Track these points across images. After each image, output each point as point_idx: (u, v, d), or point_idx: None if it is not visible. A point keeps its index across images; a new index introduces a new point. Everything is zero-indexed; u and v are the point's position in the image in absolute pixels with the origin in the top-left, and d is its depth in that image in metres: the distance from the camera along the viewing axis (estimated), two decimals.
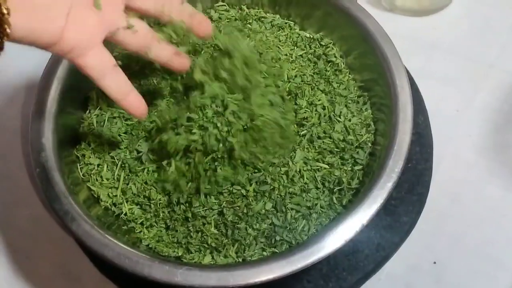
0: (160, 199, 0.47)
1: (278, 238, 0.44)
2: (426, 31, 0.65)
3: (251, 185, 0.46)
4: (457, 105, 0.60)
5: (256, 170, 0.46)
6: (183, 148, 0.45)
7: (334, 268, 0.48)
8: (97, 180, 0.49)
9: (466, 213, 0.54)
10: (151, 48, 0.43)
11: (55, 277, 0.54)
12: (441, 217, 0.54)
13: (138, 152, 0.49)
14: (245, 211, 0.45)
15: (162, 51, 0.44)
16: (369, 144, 0.48)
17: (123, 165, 0.49)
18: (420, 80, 0.57)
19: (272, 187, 0.46)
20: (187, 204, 0.46)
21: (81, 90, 0.52)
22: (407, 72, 0.48)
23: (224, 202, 0.45)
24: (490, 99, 0.60)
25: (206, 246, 0.45)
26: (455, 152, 0.57)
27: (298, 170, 0.46)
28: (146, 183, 0.48)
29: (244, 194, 0.45)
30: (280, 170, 0.46)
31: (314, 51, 0.54)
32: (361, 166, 0.47)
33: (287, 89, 0.50)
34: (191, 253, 0.46)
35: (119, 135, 0.50)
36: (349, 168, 0.47)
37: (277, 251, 0.44)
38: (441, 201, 0.55)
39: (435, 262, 0.52)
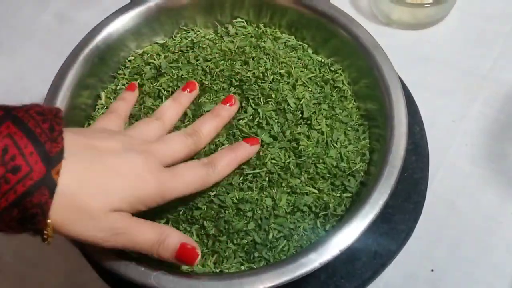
0: None
1: (257, 254, 0.44)
2: (422, 44, 0.67)
3: (234, 203, 0.45)
4: (453, 116, 0.61)
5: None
6: None
7: (332, 276, 0.48)
8: None
9: (463, 221, 0.55)
10: None
11: (60, 286, 0.55)
12: (438, 225, 0.54)
13: None
14: (226, 227, 0.45)
15: None
16: (362, 173, 0.48)
17: None
18: (416, 92, 0.57)
19: (256, 207, 0.45)
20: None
21: (93, 88, 0.53)
22: (403, 84, 0.49)
23: (207, 216, 0.45)
24: (486, 109, 0.61)
25: None
26: (452, 161, 0.58)
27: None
28: None
29: (226, 212, 0.45)
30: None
31: (323, 75, 0.54)
32: (350, 194, 0.47)
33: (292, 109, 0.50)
34: None
35: None
36: (338, 195, 0.47)
37: (254, 266, 0.44)
38: (438, 209, 0.55)
39: (432, 270, 0.52)
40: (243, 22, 0.57)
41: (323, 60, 0.55)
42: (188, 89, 0.49)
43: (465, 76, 0.63)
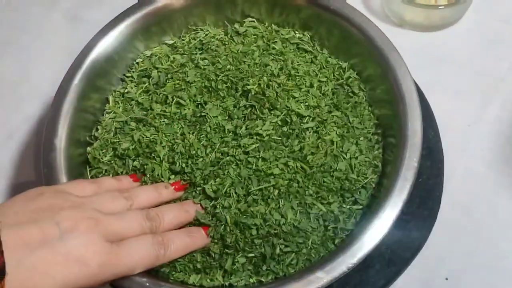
0: None
1: (265, 268, 0.44)
2: (436, 45, 0.65)
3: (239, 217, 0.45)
4: (468, 119, 0.60)
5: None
6: None
7: (345, 284, 0.48)
8: None
9: (479, 227, 0.54)
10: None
11: None
12: (453, 232, 0.53)
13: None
14: (234, 240, 0.44)
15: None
16: (373, 185, 0.47)
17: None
18: (430, 94, 0.57)
19: (264, 222, 0.45)
20: None
21: (102, 91, 0.53)
22: (416, 86, 0.48)
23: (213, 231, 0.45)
24: (501, 113, 0.60)
25: (192, 267, 0.44)
26: (467, 166, 0.57)
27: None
28: None
29: (232, 227, 0.45)
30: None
31: (337, 79, 0.52)
32: (361, 207, 0.46)
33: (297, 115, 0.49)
34: (178, 271, 0.45)
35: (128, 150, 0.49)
36: (348, 207, 0.46)
37: (262, 280, 0.44)
38: (452, 215, 0.54)
39: (447, 278, 0.51)
40: (254, 21, 0.56)
41: (339, 63, 0.53)
42: (175, 187, 0.46)
43: (481, 79, 0.62)
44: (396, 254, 0.49)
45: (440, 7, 0.63)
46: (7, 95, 0.66)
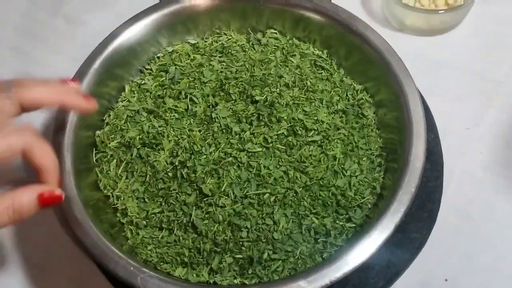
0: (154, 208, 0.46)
1: (250, 271, 0.42)
2: (436, 49, 0.62)
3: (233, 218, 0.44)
4: (467, 122, 0.56)
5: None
6: None
7: (345, 285, 0.45)
8: (103, 169, 0.48)
9: (478, 230, 0.51)
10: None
11: None
12: (453, 234, 0.50)
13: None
14: (224, 240, 0.43)
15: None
16: (369, 206, 0.45)
17: (128, 166, 0.47)
18: (430, 97, 0.54)
19: (256, 225, 0.43)
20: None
21: (120, 79, 0.52)
22: (418, 91, 0.47)
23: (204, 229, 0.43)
24: (501, 116, 0.56)
25: (179, 260, 0.44)
26: (466, 169, 0.54)
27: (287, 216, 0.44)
28: (147, 188, 0.46)
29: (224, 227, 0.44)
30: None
31: (349, 99, 0.50)
32: (354, 225, 0.44)
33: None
34: (166, 263, 0.44)
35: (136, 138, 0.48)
36: (341, 223, 0.44)
37: (246, 283, 0.42)
38: (452, 218, 0.51)
39: (446, 280, 0.49)
40: (276, 33, 0.54)
41: (353, 84, 0.51)
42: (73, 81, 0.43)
43: (480, 82, 0.59)
44: (395, 256, 0.46)
45: (440, 11, 0.59)
46: None
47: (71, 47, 0.67)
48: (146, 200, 0.46)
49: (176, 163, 0.45)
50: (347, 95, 0.50)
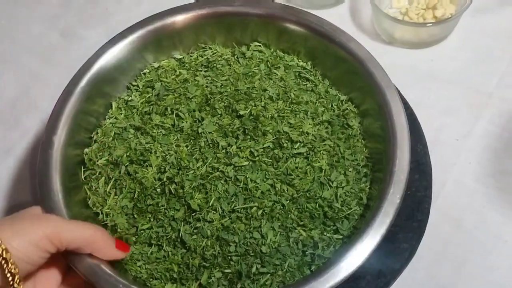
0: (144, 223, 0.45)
1: (239, 285, 0.42)
2: (425, 62, 0.62)
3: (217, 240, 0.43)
4: (456, 134, 0.57)
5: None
6: None
7: None
8: (92, 186, 0.47)
9: (468, 240, 0.51)
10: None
11: None
12: (443, 244, 0.51)
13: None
14: (212, 255, 0.43)
15: None
16: (356, 217, 0.45)
17: (117, 183, 0.47)
18: (418, 110, 0.54)
19: (244, 239, 0.43)
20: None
21: (108, 96, 0.52)
22: (405, 103, 0.48)
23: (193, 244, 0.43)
24: (490, 127, 0.57)
25: (168, 276, 0.44)
26: (456, 179, 0.54)
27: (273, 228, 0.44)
28: (136, 204, 0.46)
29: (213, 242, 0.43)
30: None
31: (334, 110, 0.50)
32: (341, 236, 0.44)
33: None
34: (156, 279, 0.44)
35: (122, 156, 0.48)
36: (329, 235, 0.44)
37: None
38: (442, 228, 0.51)
39: None
40: (260, 45, 0.54)
41: (338, 95, 0.51)
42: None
43: (469, 94, 0.59)
44: (386, 265, 0.46)
45: (427, 24, 0.60)
46: (6, 111, 0.64)
47: (66, 60, 0.68)
48: (135, 216, 0.45)
49: (164, 179, 0.45)
50: (332, 105, 0.50)
